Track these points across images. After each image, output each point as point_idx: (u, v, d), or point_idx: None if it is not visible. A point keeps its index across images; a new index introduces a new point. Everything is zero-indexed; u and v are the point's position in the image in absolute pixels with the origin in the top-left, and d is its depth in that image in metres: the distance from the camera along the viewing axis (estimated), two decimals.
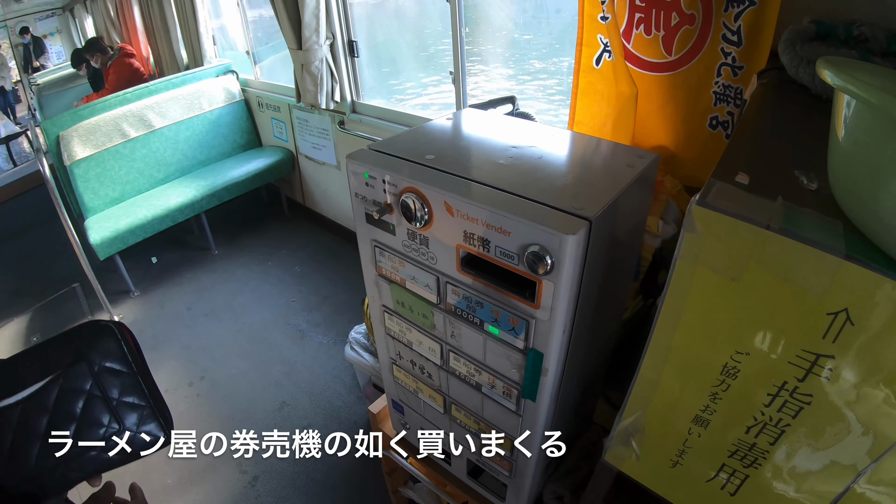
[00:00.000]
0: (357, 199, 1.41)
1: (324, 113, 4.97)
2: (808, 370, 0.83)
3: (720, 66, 1.91)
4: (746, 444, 0.99)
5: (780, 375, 0.87)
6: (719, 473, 1.07)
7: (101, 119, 5.22)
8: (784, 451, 0.95)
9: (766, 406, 0.91)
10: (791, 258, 0.77)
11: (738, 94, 1.92)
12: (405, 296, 1.46)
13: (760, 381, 0.90)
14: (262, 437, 3.48)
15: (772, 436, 0.94)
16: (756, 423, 0.95)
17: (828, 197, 0.86)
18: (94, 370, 0.91)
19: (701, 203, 0.82)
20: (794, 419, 0.90)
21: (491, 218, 1.11)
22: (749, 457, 1.00)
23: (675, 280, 0.90)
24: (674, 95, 2.07)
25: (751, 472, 1.02)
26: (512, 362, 1.30)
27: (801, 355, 0.83)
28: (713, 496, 1.10)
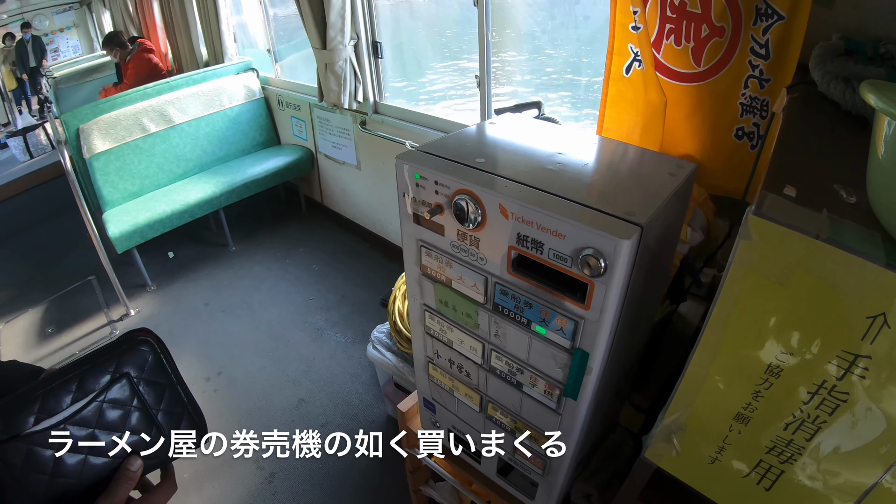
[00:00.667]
0: (405, 200, 1.44)
1: (346, 113, 5.00)
2: (847, 370, 0.89)
3: (747, 79, 1.95)
4: (784, 440, 1.03)
5: (820, 374, 0.92)
6: (756, 469, 1.11)
7: (121, 113, 5.28)
8: (819, 447, 1.00)
9: (805, 404, 0.96)
10: (836, 265, 0.83)
11: (764, 105, 1.96)
12: (450, 295, 1.49)
13: (801, 380, 0.95)
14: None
15: (808, 432, 0.99)
16: (794, 420, 0.99)
17: (866, 210, 0.92)
18: (134, 384, 0.93)
19: (757, 213, 0.87)
20: (830, 416, 0.95)
21: (547, 221, 1.14)
22: (785, 453, 1.04)
23: (728, 284, 0.95)
24: (701, 105, 2.11)
25: (786, 468, 1.07)
26: (557, 362, 1.33)
27: (840, 355, 0.88)
28: (749, 492, 1.15)
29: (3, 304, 5.18)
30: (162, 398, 0.96)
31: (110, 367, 0.91)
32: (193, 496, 3.21)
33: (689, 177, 1.38)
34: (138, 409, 0.94)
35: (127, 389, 0.92)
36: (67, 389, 0.87)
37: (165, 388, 0.97)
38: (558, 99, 3.74)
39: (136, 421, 0.94)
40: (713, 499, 1.23)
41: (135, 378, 0.93)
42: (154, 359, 0.95)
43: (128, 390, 0.93)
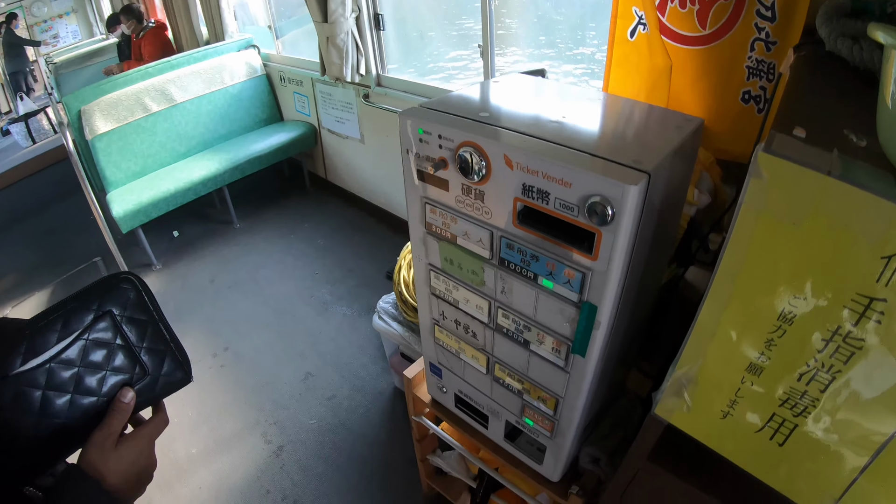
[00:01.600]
0: (409, 157, 1.42)
1: (348, 86, 4.97)
2: (862, 314, 0.86)
3: (753, 41, 1.91)
4: (798, 392, 1.01)
5: (834, 320, 0.89)
6: (769, 423, 1.08)
7: (122, 93, 5.25)
8: (833, 398, 0.97)
9: (820, 352, 0.93)
10: (849, 204, 0.80)
11: (770, 69, 1.92)
12: (455, 252, 1.47)
13: (815, 327, 0.92)
14: (287, 408, 3.53)
15: (823, 383, 0.96)
16: (808, 369, 0.97)
17: (877, 154, 0.88)
18: (116, 322, 0.96)
19: (767, 150, 0.84)
20: (845, 364, 0.92)
21: (552, 169, 1.12)
22: (799, 405, 1.02)
23: (738, 227, 0.92)
24: (707, 69, 2.07)
25: (799, 422, 1.04)
26: (564, 316, 1.32)
27: (855, 299, 0.85)
28: (761, 447, 1.12)
29: (11, 288, 5.18)
30: (145, 336, 0.99)
31: (93, 306, 0.94)
32: (202, 471, 3.22)
33: (695, 130, 1.36)
34: (122, 348, 0.96)
35: (110, 327, 0.95)
36: (53, 329, 0.90)
37: (148, 326, 0.99)
38: (562, 69, 3.71)
39: (121, 359, 0.96)
40: (726, 455, 1.21)
41: (117, 316, 0.96)
42: (136, 296, 0.98)
43: (111, 328, 0.95)
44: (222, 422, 3.50)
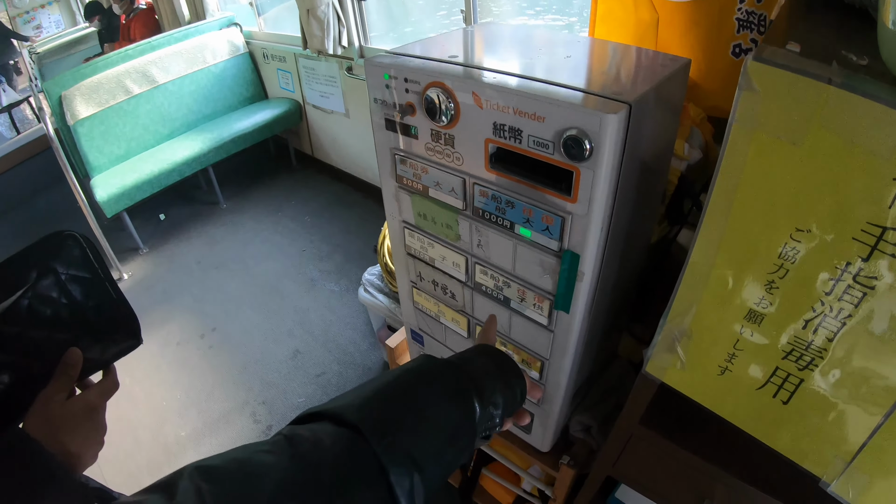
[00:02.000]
0: (376, 105, 1.35)
1: (331, 59, 4.88)
2: (874, 247, 0.76)
3: None
4: (803, 342, 0.91)
5: (842, 255, 0.79)
6: (771, 379, 1.00)
7: (103, 77, 5.15)
8: (843, 348, 0.88)
9: (827, 294, 0.84)
10: (856, 117, 0.70)
11: (761, 20, 1.84)
12: (428, 206, 1.40)
13: (821, 264, 0.82)
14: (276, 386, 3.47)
15: (831, 330, 0.87)
16: (815, 315, 0.87)
17: (880, 73, 0.77)
18: (60, 280, 0.91)
19: (758, 59, 0.74)
20: (857, 308, 0.82)
21: (524, 103, 1.04)
22: (805, 357, 0.93)
23: (729, 148, 0.82)
24: (695, 22, 1.98)
25: (805, 376, 0.95)
26: (545, 268, 1.24)
27: (865, 229, 0.75)
28: (764, 405, 1.04)
29: None
30: (90, 295, 0.93)
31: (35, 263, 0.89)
32: (191, 453, 3.16)
33: (681, 69, 1.27)
34: (66, 306, 0.90)
35: (54, 285, 0.90)
36: None
37: (93, 284, 0.93)
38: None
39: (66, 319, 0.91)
40: (725, 416, 1.12)
41: (61, 273, 0.91)
42: (80, 253, 0.92)
43: (55, 286, 0.90)
44: (211, 403, 3.44)
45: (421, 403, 0.78)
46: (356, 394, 0.77)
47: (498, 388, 0.89)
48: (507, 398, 0.90)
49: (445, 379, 0.84)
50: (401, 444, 0.69)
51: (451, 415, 0.80)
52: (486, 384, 0.87)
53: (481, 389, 0.85)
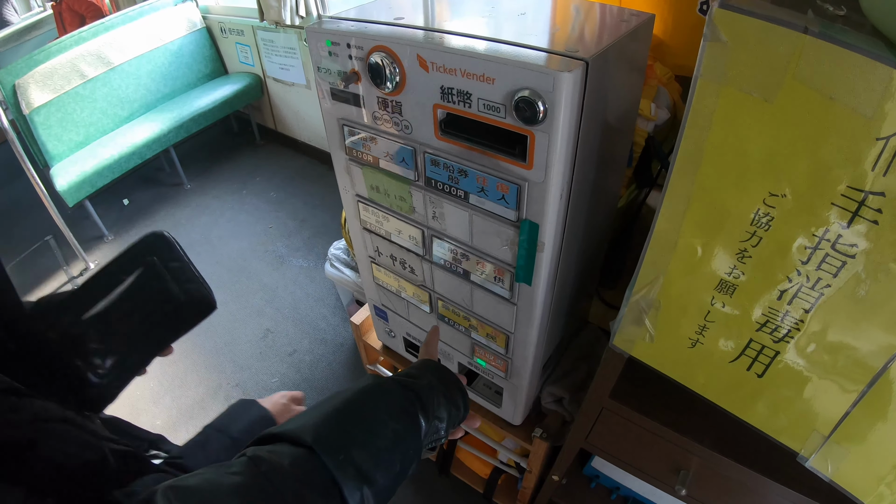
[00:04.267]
0: (321, 74, 1.28)
1: (289, 31, 4.78)
2: (855, 212, 0.70)
3: None
4: (778, 313, 0.86)
5: (820, 221, 0.74)
6: (745, 351, 0.95)
7: (57, 62, 5.00)
8: (821, 320, 0.83)
9: (804, 263, 0.78)
10: (836, 69, 0.64)
11: None
12: (379, 178, 1.34)
13: (797, 231, 0.77)
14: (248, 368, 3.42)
15: (808, 300, 0.82)
16: (791, 285, 0.82)
17: (859, 24, 0.71)
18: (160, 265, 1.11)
19: (724, 6, 0.67)
20: (835, 278, 0.77)
21: (471, 65, 0.97)
22: (780, 329, 0.88)
23: (695, 105, 0.76)
24: None
25: (781, 348, 0.90)
26: (503, 239, 1.18)
27: (846, 193, 0.70)
28: (738, 379, 0.99)
29: None
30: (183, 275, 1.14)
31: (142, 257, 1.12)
32: (166, 441, 3.08)
33: (644, 24, 1.20)
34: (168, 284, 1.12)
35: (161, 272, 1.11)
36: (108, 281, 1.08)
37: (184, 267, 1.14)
38: None
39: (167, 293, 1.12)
40: (696, 390, 1.08)
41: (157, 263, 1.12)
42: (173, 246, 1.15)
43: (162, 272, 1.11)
44: (185, 390, 3.39)
45: (370, 422, 0.87)
46: (311, 415, 0.85)
47: (442, 404, 0.98)
48: (451, 412, 1.00)
49: (392, 398, 0.93)
50: (352, 460, 0.78)
51: (398, 431, 0.88)
52: (430, 400, 0.97)
53: (426, 405, 0.95)
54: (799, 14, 0.67)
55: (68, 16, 6.68)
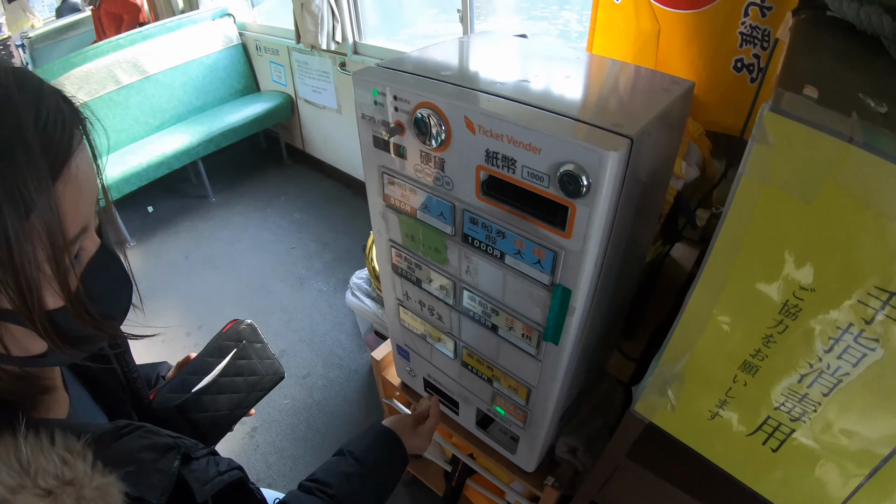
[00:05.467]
0: (364, 121, 1.30)
1: (324, 55, 4.84)
2: (879, 310, 0.73)
3: (748, 6, 1.81)
4: (797, 395, 0.88)
5: (846, 316, 0.76)
6: (762, 427, 0.97)
7: (93, 66, 5.10)
8: (838, 404, 0.85)
9: (826, 351, 0.81)
10: (873, 178, 0.67)
11: (765, 35, 1.82)
12: (416, 228, 1.36)
13: (823, 323, 0.79)
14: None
15: (826, 386, 0.84)
16: (811, 371, 0.84)
17: None
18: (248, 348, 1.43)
19: (775, 110, 0.70)
20: (854, 367, 0.80)
21: (519, 133, 0.99)
22: (798, 409, 0.90)
23: (737, 199, 0.78)
24: (698, 34, 1.96)
25: (797, 427, 0.92)
26: (534, 300, 1.20)
27: (872, 293, 0.72)
28: (753, 452, 1.01)
29: None
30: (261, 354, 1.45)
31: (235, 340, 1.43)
32: None
33: (684, 94, 1.23)
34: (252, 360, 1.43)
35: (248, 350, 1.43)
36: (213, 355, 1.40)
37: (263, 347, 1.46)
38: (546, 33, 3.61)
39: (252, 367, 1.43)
40: (712, 459, 1.10)
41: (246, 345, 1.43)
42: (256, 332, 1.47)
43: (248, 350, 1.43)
44: None
45: None
46: None
47: None
48: None
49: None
50: None
51: None
52: None
53: None
54: (843, 117, 0.70)
55: (106, 19, 6.79)
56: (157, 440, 0.82)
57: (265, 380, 1.45)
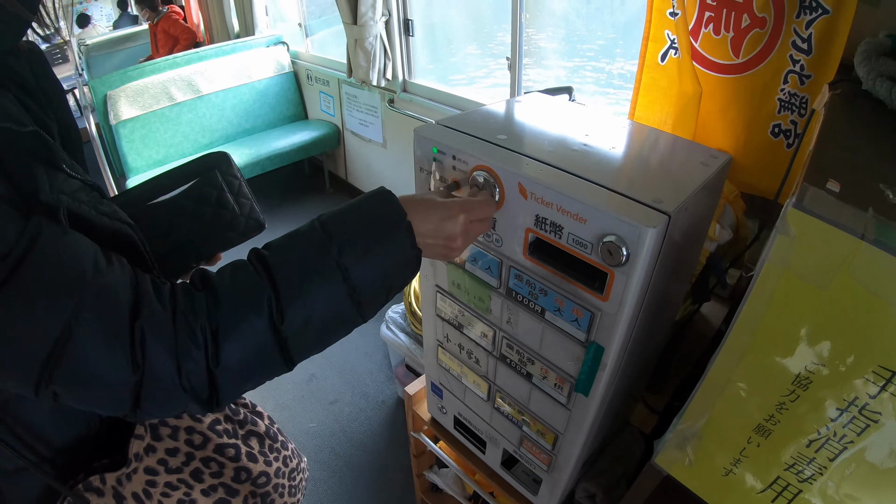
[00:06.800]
0: (422, 174, 1.39)
1: (374, 90, 4.95)
2: (882, 387, 0.81)
3: (787, 73, 1.87)
4: (805, 458, 0.96)
5: (852, 389, 0.84)
6: (772, 486, 1.04)
7: (149, 81, 5.28)
8: (842, 469, 0.93)
9: (833, 421, 0.89)
10: (882, 271, 0.75)
11: (803, 103, 1.87)
12: (463, 278, 1.44)
13: (831, 395, 0.87)
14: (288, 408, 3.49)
15: (833, 452, 0.92)
16: (819, 437, 0.92)
17: None
18: (220, 177, 1.29)
19: (798, 206, 0.79)
20: (859, 436, 0.87)
21: (568, 203, 1.08)
22: (806, 471, 0.97)
23: (759, 283, 0.87)
24: (738, 99, 2.02)
25: (804, 488, 0.99)
26: (569, 354, 1.28)
27: (877, 371, 0.80)
28: None
29: None
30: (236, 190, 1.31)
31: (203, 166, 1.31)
32: None
33: (722, 168, 1.31)
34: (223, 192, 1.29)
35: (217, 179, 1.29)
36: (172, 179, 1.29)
37: (238, 183, 1.33)
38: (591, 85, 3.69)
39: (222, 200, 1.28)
40: None
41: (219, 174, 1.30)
42: (230, 163, 1.34)
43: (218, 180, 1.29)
44: None
45: None
46: None
47: None
48: None
49: None
50: None
51: None
52: None
53: None
54: (860, 212, 0.79)
55: (162, 37, 7.00)
56: None
57: (239, 221, 1.29)
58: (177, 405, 0.83)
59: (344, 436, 3.39)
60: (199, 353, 0.81)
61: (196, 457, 1.19)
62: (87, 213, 0.82)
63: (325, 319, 0.92)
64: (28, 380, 0.72)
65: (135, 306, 0.77)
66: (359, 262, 0.93)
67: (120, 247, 0.87)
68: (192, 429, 1.19)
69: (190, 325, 0.80)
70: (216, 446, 1.21)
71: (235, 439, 1.27)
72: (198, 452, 1.19)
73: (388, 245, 0.97)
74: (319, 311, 0.91)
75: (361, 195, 1.03)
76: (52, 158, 0.79)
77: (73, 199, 0.80)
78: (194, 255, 1.26)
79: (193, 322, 0.81)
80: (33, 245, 0.70)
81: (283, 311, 0.87)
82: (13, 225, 0.70)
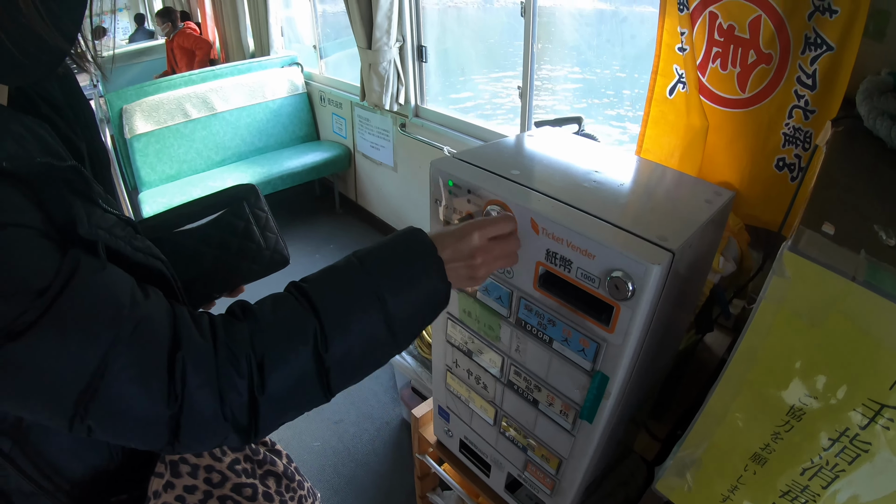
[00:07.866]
0: (436, 206, 1.43)
1: (386, 114, 5.00)
2: (871, 419, 0.86)
3: (792, 108, 1.92)
4: (799, 485, 1.00)
5: (843, 421, 0.89)
6: None
7: (165, 97, 5.35)
8: (835, 495, 0.97)
9: (825, 450, 0.93)
10: (871, 310, 0.80)
11: (807, 137, 1.93)
12: (474, 306, 1.48)
13: (824, 425, 0.92)
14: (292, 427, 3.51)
15: (825, 479, 0.96)
16: (812, 465, 0.97)
17: None
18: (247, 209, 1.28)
19: (793, 250, 0.85)
20: (850, 465, 0.92)
21: (577, 239, 1.13)
22: (800, 498, 1.02)
23: (756, 320, 0.92)
24: (743, 132, 2.08)
25: None
26: (575, 382, 1.32)
27: (866, 403, 0.85)
28: None
29: None
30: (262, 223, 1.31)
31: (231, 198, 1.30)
32: None
33: (725, 205, 1.36)
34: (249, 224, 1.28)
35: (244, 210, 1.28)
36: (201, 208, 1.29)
37: (265, 216, 1.31)
38: (601, 115, 3.73)
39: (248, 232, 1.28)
40: None
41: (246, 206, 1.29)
42: (258, 196, 1.33)
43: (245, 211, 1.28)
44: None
45: None
46: None
47: None
48: None
49: None
50: None
51: None
52: None
53: None
54: (853, 254, 0.85)
55: (179, 52, 7.10)
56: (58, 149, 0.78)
57: (264, 254, 1.28)
58: (217, 436, 0.84)
59: (347, 455, 3.41)
60: (243, 382, 0.83)
61: (214, 495, 1.20)
62: (124, 248, 0.83)
63: (365, 349, 0.96)
64: (63, 414, 0.72)
65: (174, 338, 0.79)
66: (395, 293, 0.98)
67: (151, 281, 0.88)
68: (211, 467, 1.21)
69: (234, 355, 0.83)
70: (234, 485, 1.22)
71: (253, 479, 1.28)
72: (216, 491, 1.20)
73: (422, 278, 1.02)
74: (360, 341, 0.94)
75: (393, 233, 1.08)
76: (89, 193, 0.79)
77: (110, 235, 0.80)
78: (219, 285, 1.26)
79: (238, 352, 0.83)
80: (71, 279, 0.70)
81: (327, 342, 0.90)
82: (51, 259, 0.70)
